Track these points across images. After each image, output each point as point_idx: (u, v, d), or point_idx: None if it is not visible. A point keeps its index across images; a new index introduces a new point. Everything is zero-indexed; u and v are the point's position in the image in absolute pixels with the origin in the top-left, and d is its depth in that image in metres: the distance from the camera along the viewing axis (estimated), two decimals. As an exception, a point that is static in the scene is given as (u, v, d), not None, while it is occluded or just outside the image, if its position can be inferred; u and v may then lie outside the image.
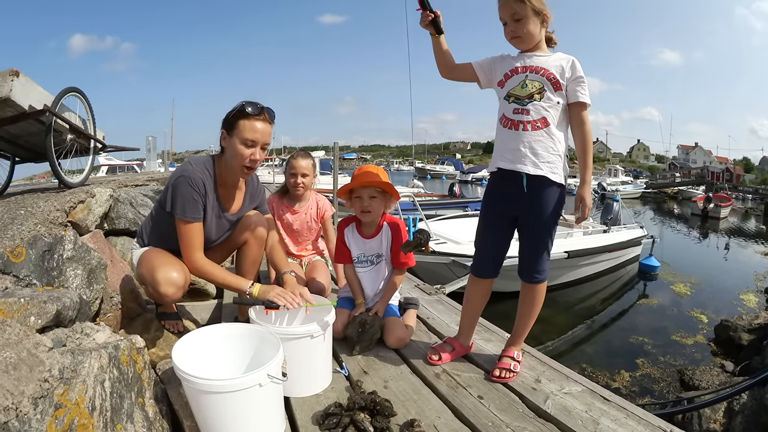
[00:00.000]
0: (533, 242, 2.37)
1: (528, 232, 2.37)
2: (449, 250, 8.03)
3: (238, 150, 2.41)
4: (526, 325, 2.52)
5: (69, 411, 1.35)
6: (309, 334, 2.16)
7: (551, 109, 2.22)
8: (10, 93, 3.24)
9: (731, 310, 9.00)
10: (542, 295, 2.46)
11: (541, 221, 2.30)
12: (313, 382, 2.24)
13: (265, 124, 2.45)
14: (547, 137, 2.22)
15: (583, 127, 2.25)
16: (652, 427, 1.94)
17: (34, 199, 3.20)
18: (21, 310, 1.56)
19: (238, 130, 2.40)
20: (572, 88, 2.23)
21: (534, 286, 2.43)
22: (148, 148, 16.54)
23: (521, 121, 2.23)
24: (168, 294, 2.40)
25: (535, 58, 2.26)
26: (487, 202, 2.46)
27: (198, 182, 2.43)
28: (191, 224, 2.42)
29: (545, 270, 2.41)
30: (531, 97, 2.22)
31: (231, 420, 1.74)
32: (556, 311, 8.65)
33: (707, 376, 6.02)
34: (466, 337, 2.63)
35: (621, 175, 49.73)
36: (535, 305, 2.47)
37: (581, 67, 2.24)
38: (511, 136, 2.26)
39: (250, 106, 2.38)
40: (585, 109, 2.25)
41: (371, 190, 2.73)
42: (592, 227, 10.80)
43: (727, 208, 27.05)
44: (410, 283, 4.08)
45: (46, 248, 2.34)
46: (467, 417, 2.02)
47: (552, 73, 2.21)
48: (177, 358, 1.78)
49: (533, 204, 2.27)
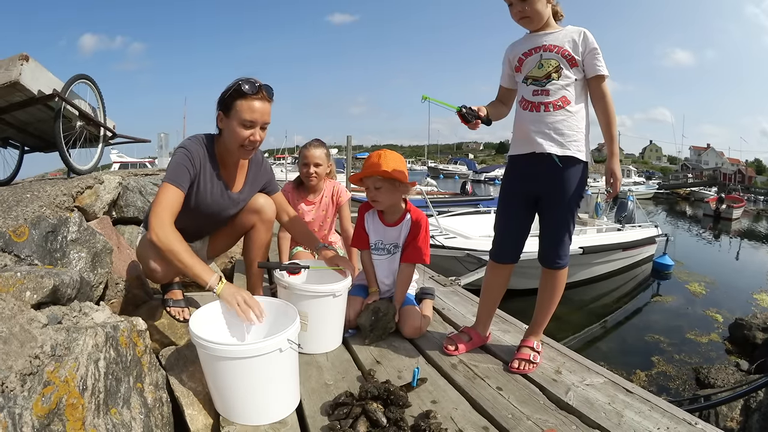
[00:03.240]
0: (556, 224, 2.28)
1: (551, 212, 2.28)
2: (459, 244, 7.96)
3: (236, 131, 2.28)
4: (546, 314, 2.43)
5: (57, 388, 1.28)
6: (332, 293, 2.34)
7: (570, 87, 2.16)
8: (19, 77, 3.21)
9: (745, 309, 8.88)
10: (563, 281, 2.37)
11: (565, 201, 2.21)
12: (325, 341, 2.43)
13: (264, 102, 2.29)
14: (570, 115, 2.15)
15: (605, 100, 2.17)
16: (677, 419, 1.87)
17: (41, 185, 3.16)
18: (17, 285, 1.49)
19: (235, 111, 2.25)
20: (589, 62, 2.15)
21: (555, 272, 2.34)
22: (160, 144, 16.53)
23: (542, 102, 2.17)
24: (156, 270, 2.33)
25: (547, 36, 2.20)
26: (507, 184, 2.40)
27: (194, 155, 2.31)
28: (171, 186, 2.22)
29: (567, 255, 2.32)
30: (549, 77, 2.17)
31: (249, 386, 1.74)
32: (572, 309, 8.57)
33: (722, 374, 5.98)
34: (483, 326, 2.55)
35: (634, 175, 49.43)
36: (555, 292, 2.38)
37: (593, 37, 2.15)
38: (534, 118, 2.20)
39: (246, 84, 2.22)
40: (604, 81, 2.17)
41: (374, 179, 2.61)
42: (607, 225, 10.69)
43: (739, 210, 26.83)
44: (425, 274, 4.00)
45: (50, 229, 2.28)
46: (486, 409, 1.93)
47: (566, 50, 2.15)
48: (194, 327, 1.78)
49: (557, 183, 2.19)
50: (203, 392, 1.95)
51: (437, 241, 7.80)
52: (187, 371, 2.04)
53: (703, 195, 35.53)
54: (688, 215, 29.17)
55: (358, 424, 1.72)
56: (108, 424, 1.46)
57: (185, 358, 2.14)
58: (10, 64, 3.25)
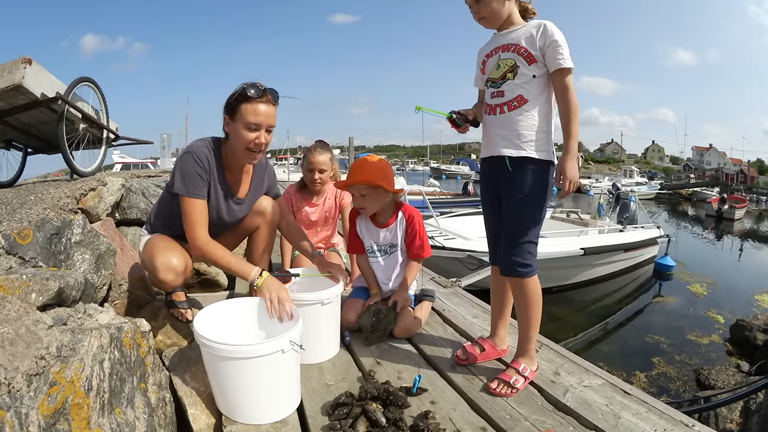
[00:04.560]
0: (513, 227, 2.14)
1: (508, 215, 2.16)
2: (459, 245, 7.96)
3: (241, 135, 2.31)
4: (527, 330, 2.22)
5: (63, 388, 1.30)
6: (320, 301, 2.29)
7: (527, 85, 2.07)
8: (22, 80, 3.24)
9: (746, 310, 8.86)
10: (534, 292, 2.17)
11: (521, 204, 2.10)
12: (320, 350, 2.38)
13: (269, 105, 2.33)
14: (527, 114, 2.08)
15: (566, 93, 2.04)
16: (674, 421, 1.87)
17: (44, 187, 3.18)
18: (22, 287, 1.51)
19: (240, 115, 2.29)
20: (549, 55, 2.03)
21: (518, 281, 2.16)
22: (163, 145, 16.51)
23: (498, 104, 2.13)
24: (167, 280, 2.34)
25: (507, 35, 2.13)
26: (481, 189, 2.38)
27: (203, 158, 2.34)
28: (194, 200, 2.31)
29: (529, 262, 2.13)
30: (504, 78, 2.11)
31: (252, 386, 1.77)
32: (572, 310, 8.59)
33: (723, 376, 5.98)
34: (498, 337, 2.45)
35: (636, 176, 49.35)
36: (529, 305, 2.18)
37: (557, 29, 2.03)
38: (492, 121, 2.17)
39: (252, 89, 2.26)
40: (567, 75, 2.04)
41: (358, 187, 2.59)
42: (609, 226, 10.68)
43: (741, 210, 26.73)
44: (426, 276, 4.01)
45: (54, 231, 2.30)
46: (484, 409, 1.95)
47: (522, 47, 2.06)
48: (199, 327, 1.81)
49: (515, 184, 2.10)
50: (206, 392, 1.97)
51: (437, 242, 7.79)
52: (190, 371, 2.07)
53: (705, 195, 35.45)
54: (690, 216, 29.07)
55: (357, 424, 1.75)
56: (112, 424, 1.48)
57: (188, 358, 2.17)
58: (13, 68, 3.28)
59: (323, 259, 2.64)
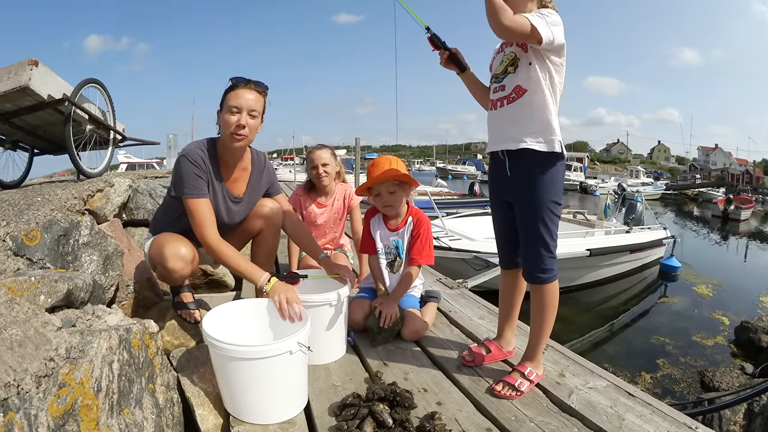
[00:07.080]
0: (526, 232, 2.11)
1: (521, 219, 2.12)
2: (464, 246, 7.95)
3: (225, 120, 2.37)
4: (539, 335, 2.18)
5: (72, 390, 1.31)
6: (327, 303, 2.31)
7: (525, 74, 2.00)
8: (29, 82, 3.26)
9: (752, 312, 8.84)
10: (552, 298, 2.14)
11: (533, 204, 2.04)
12: (328, 352, 2.38)
13: (250, 90, 2.40)
14: (527, 103, 2.01)
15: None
16: (678, 423, 1.87)
17: (51, 188, 3.20)
18: (31, 289, 1.53)
19: (225, 103, 2.38)
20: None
21: (539, 287, 2.12)
22: (169, 145, 16.57)
23: (499, 98, 2.10)
24: (176, 268, 2.36)
25: None
26: (489, 188, 2.35)
27: (197, 158, 2.38)
28: (198, 200, 2.34)
29: (549, 268, 2.09)
30: (505, 72, 2.07)
31: (259, 387, 1.79)
32: (578, 311, 8.57)
33: (727, 378, 5.96)
34: (504, 339, 2.43)
35: (642, 176, 49.13)
36: (545, 311, 2.14)
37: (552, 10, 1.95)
38: (494, 116, 2.15)
39: (235, 79, 2.39)
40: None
41: (388, 184, 2.62)
42: (615, 227, 10.63)
43: (748, 211, 26.59)
44: (432, 276, 4.02)
45: (62, 233, 2.31)
46: (489, 411, 1.95)
47: None
48: (207, 328, 1.83)
49: (519, 189, 2.09)
50: (213, 393, 1.98)
51: (443, 243, 7.77)
52: (198, 372, 2.08)
53: (711, 196, 35.27)
54: (696, 216, 28.98)
55: (364, 424, 1.75)
56: (121, 424, 1.49)
57: (196, 359, 2.18)
58: (19, 69, 3.31)
59: (330, 261, 2.64)
